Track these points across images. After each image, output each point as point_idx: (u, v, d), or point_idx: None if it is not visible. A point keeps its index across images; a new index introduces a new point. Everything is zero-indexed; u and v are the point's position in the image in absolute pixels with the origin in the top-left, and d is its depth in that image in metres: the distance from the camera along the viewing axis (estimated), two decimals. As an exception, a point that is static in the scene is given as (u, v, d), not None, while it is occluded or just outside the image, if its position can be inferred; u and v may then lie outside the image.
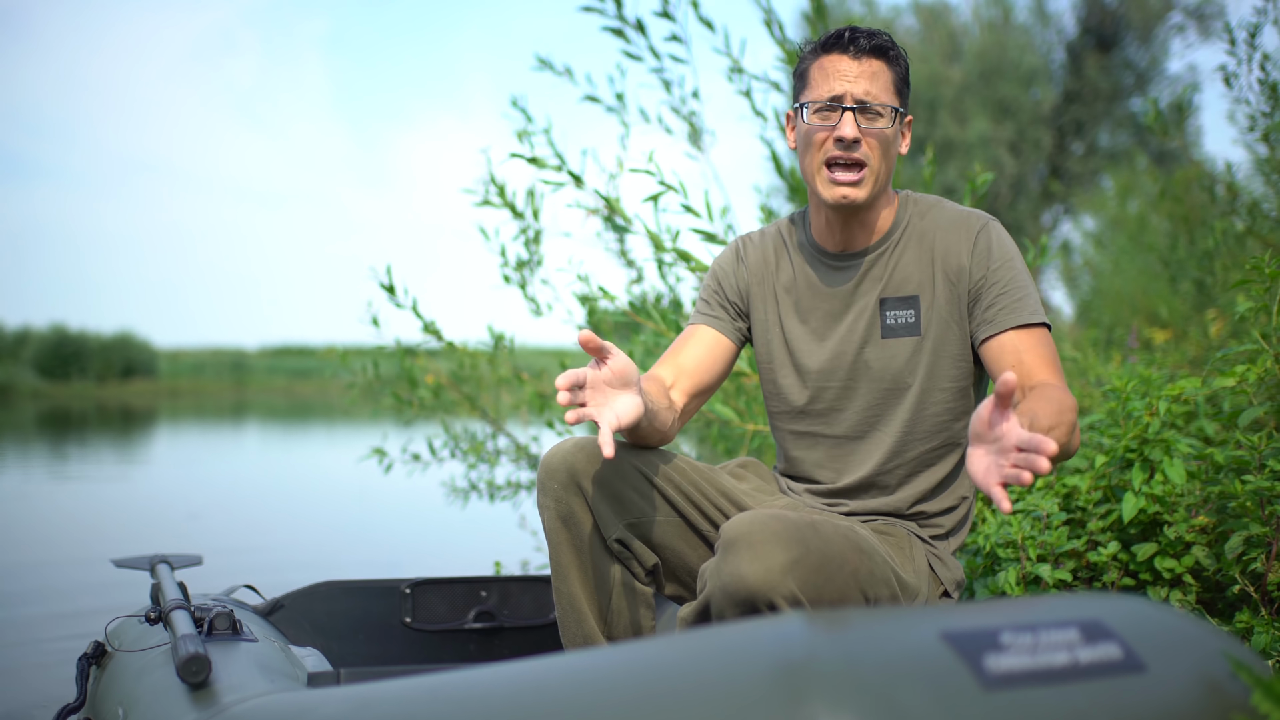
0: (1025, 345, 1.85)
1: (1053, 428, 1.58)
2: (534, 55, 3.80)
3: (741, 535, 1.52)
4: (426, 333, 4.62)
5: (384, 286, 4.51)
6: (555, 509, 1.86)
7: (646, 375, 2.00)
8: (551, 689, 1.12)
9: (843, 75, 1.89)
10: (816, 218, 2.03)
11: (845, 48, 1.90)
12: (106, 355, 33.67)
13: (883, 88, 1.90)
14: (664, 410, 1.92)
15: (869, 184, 1.91)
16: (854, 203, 1.91)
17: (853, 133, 1.87)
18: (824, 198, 1.92)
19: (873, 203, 1.95)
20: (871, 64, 1.90)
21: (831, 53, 1.91)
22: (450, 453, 5.11)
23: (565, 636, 1.93)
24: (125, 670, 1.95)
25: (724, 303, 2.11)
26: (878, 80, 1.90)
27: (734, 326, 2.11)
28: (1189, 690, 1.10)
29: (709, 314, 2.12)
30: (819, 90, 1.91)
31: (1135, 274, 8.75)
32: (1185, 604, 2.26)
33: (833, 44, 1.92)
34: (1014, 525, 2.35)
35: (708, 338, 2.09)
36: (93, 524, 6.78)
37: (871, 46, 1.90)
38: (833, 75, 1.90)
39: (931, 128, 16.64)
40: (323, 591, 2.62)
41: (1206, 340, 5.26)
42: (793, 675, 0.98)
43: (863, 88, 1.89)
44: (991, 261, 1.91)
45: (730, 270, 2.12)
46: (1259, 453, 2.21)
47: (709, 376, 2.08)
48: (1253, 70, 3.85)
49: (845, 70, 1.89)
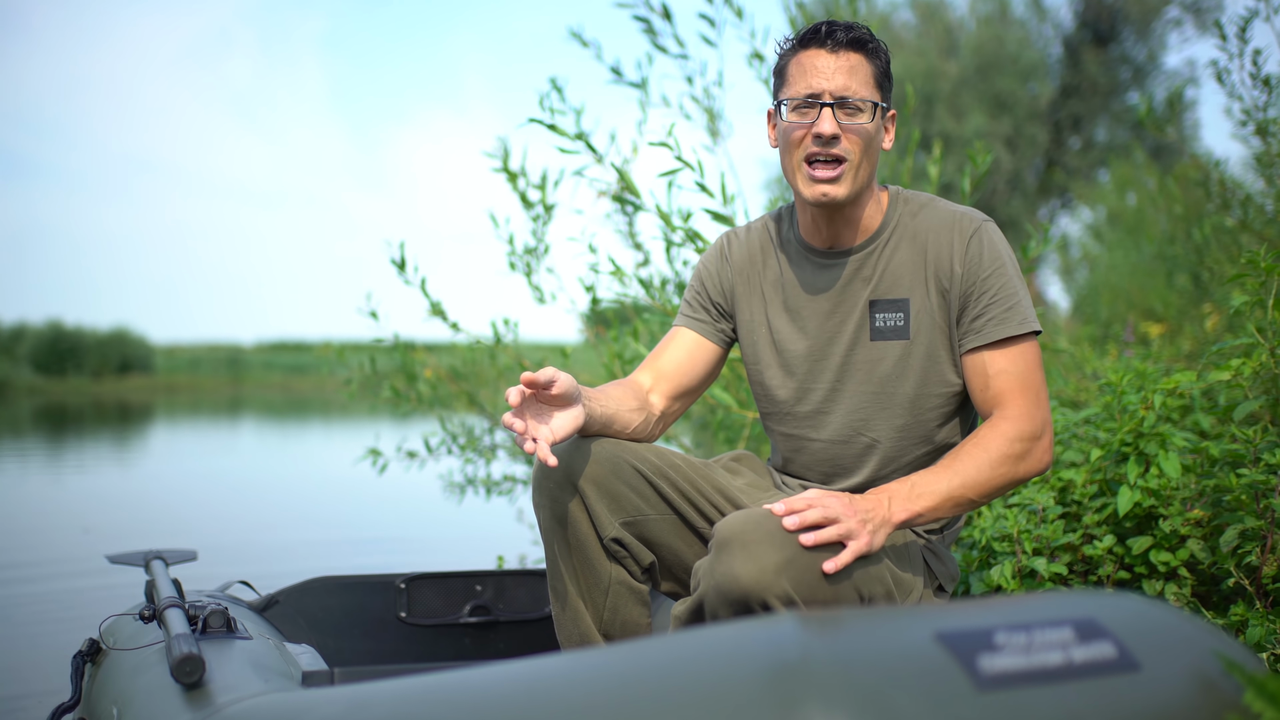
0: (997, 366, 1.84)
1: (925, 494, 1.72)
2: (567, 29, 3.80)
3: (735, 535, 1.52)
4: (434, 314, 4.61)
5: (394, 262, 4.50)
6: (551, 508, 1.86)
7: (622, 380, 2.02)
8: (546, 690, 1.12)
9: (820, 71, 1.86)
10: (803, 215, 2.00)
11: (822, 42, 1.87)
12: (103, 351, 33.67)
13: (862, 82, 1.86)
14: (628, 414, 1.94)
15: (849, 180, 1.87)
16: (834, 200, 1.87)
17: (831, 129, 1.84)
18: (804, 195, 1.90)
19: (856, 199, 1.92)
20: (850, 58, 1.86)
21: (809, 48, 1.88)
22: (446, 449, 5.11)
23: (561, 635, 1.93)
24: (120, 669, 1.95)
25: (707, 305, 2.10)
26: (856, 74, 1.86)
27: (716, 329, 2.09)
28: (1184, 689, 1.10)
29: (691, 316, 2.11)
30: (797, 86, 1.88)
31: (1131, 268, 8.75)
32: (1180, 597, 2.26)
33: (810, 39, 1.88)
34: (1009, 519, 2.35)
35: (689, 341, 2.09)
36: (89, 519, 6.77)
37: (849, 40, 1.86)
38: (810, 71, 1.86)
39: (928, 122, 16.62)
40: (317, 587, 2.61)
41: (1202, 334, 5.26)
42: (786, 677, 0.98)
43: (841, 82, 1.85)
44: (983, 268, 1.87)
45: (714, 270, 2.11)
46: (1254, 446, 2.21)
47: (689, 379, 2.07)
48: (1245, 65, 3.84)
49: (822, 65, 1.86)
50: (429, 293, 4.57)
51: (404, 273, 4.51)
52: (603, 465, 1.85)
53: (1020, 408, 1.81)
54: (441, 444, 5.09)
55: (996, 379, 1.84)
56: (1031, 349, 1.86)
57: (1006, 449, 1.77)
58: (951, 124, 16.74)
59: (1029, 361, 1.85)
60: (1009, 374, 1.84)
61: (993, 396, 1.84)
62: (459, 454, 5.13)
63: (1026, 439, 1.79)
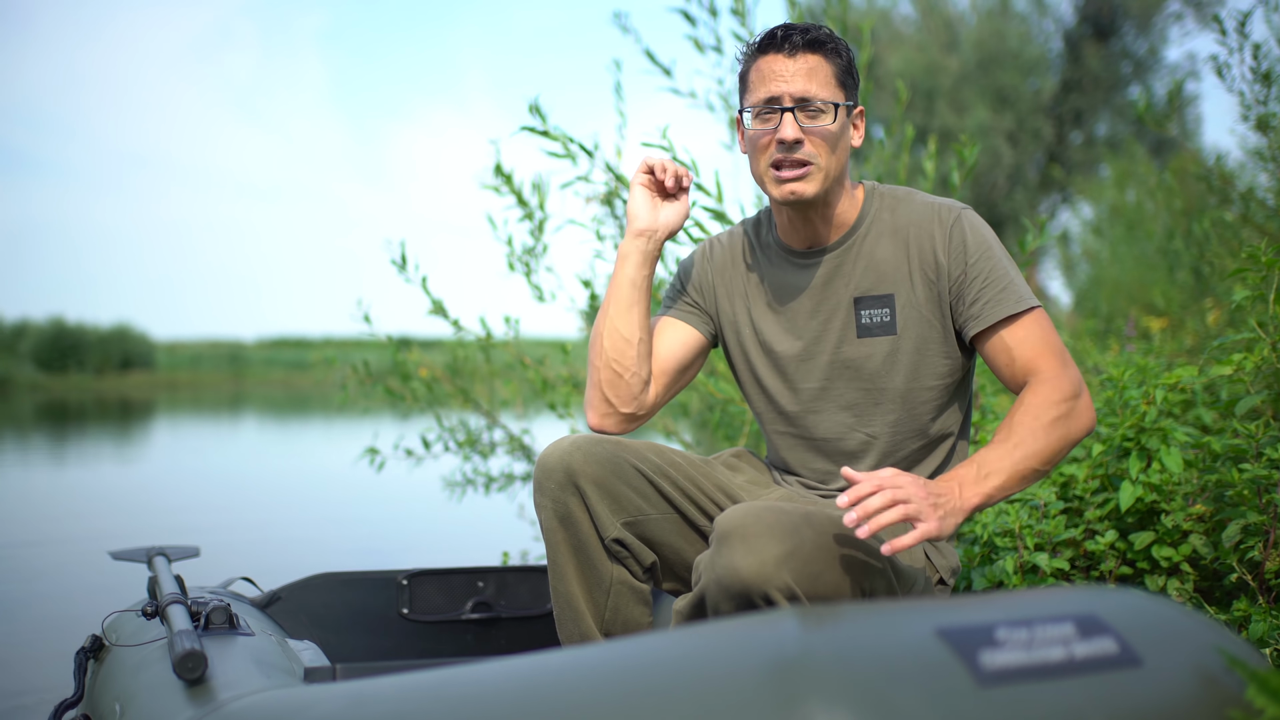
0: (1016, 338, 1.84)
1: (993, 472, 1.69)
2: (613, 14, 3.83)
3: (735, 528, 1.52)
4: (435, 313, 4.61)
5: (394, 261, 4.51)
6: (552, 508, 1.86)
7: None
8: (547, 686, 1.12)
9: (778, 75, 1.85)
10: (779, 217, 2.01)
11: (780, 47, 1.86)
12: (104, 347, 33.67)
13: (822, 83, 1.86)
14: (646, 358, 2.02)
15: (817, 180, 1.87)
16: (802, 197, 1.87)
17: (793, 134, 1.84)
18: (774, 196, 1.90)
19: (827, 197, 1.92)
20: (808, 60, 1.86)
21: (767, 53, 1.88)
22: (444, 446, 5.12)
23: (562, 634, 1.93)
24: (122, 665, 1.95)
25: (689, 300, 2.10)
26: (816, 76, 1.85)
27: (701, 319, 2.10)
28: (1185, 684, 1.10)
29: (676, 308, 2.11)
30: (757, 93, 1.88)
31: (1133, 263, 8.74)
32: (1183, 592, 2.26)
33: (767, 44, 1.88)
34: (1011, 514, 2.35)
35: (677, 329, 2.09)
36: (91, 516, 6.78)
37: (806, 42, 1.86)
38: (769, 77, 1.86)
39: (929, 117, 16.60)
40: (319, 583, 2.61)
41: (1204, 329, 5.26)
42: (787, 673, 0.98)
43: (800, 86, 1.84)
44: (969, 255, 1.88)
45: (696, 273, 2.11)
46: (1256, 441, 2.21)
47: (675, 365, 2.07)
48: (1244, 60, 3.84)
49: (780, 70, 1.85)
50: (430, 291, 4.57)
51: (404, 271, 4.52)
52: (604, 465, 1.85)
53: (1052, 369, 1.81)
54: (438, 440, 5.09)
55: (1018, 350, 1.84)
56: (1041, 319, 1.86)
57: (1055, 411, 1.76)
58: (953, 119, 16.71)
59: (1044, 329, 1.85)
60: (1028, 343, 1.84)
61: (1020, 369, 1.83)
62: (457, 451, 5.13)
63: (1069, 398, 1.78)
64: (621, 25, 3.84)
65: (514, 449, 5.17)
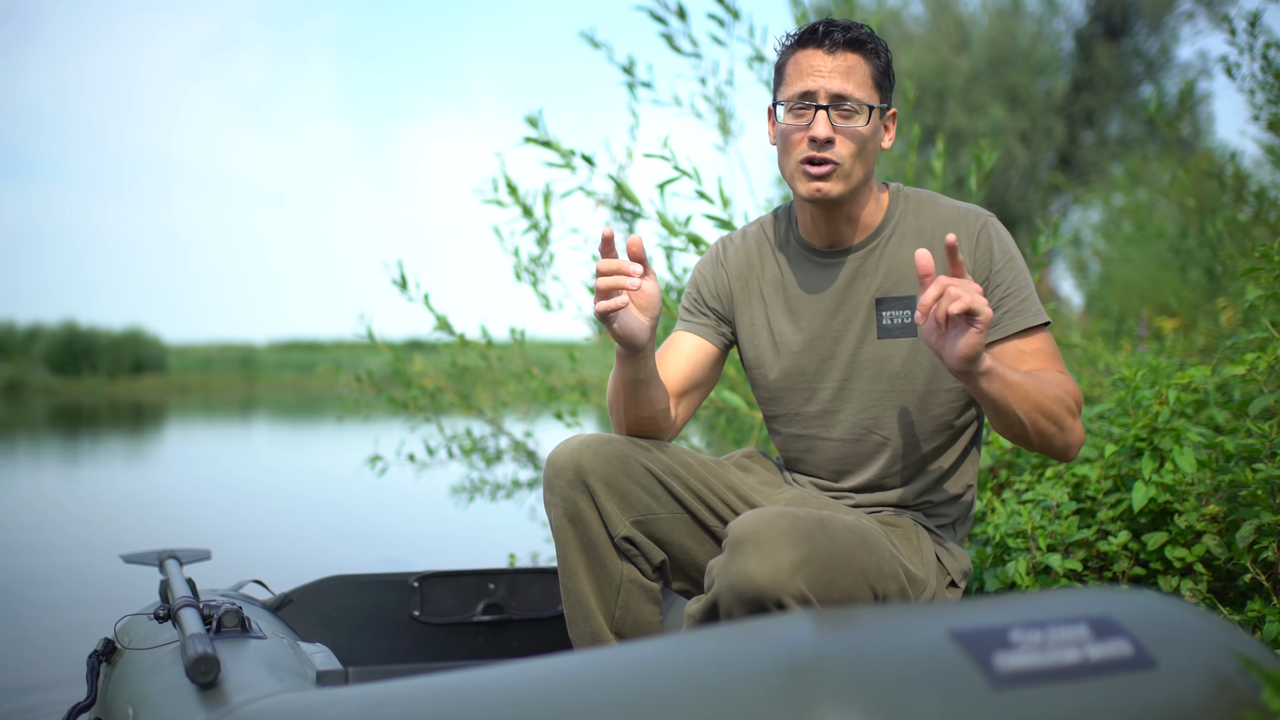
0: (1031, 348, 1.88)
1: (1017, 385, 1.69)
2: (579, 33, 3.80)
3: (749, 534, 1.51)
4: (439, 329, 4.63)
5: (395, 282, 4.52)
6: (562, 507, 1.86)
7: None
8: (561, 689, 1.12)
9: (816, 71, 1.84)
10: (802, 214, 2.00)
11: (820, 42, 1.85)
12: (117, 351, 33.76)
13: (859, 83, 1.85)
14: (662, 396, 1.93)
15: (841, 180, 1.87)
16: (828, 195, 1.87)
17: (825, 132, 1.83)
18: (800, 193, 1.89)
19: (853, 197, 1.91)
20: (847, 58, 1.85)
21: (806, 48, 1.87)
22: (448, 453, 5.14)
23: (573, 634, 1.93)
24: (135, 668, 1.95)
25: (705, 310, 2.09)
26: (853, 75, 1.85)
27: (717, 331, 2.09)
28: (1200, 686, 1.10)
29: (690, 320, 2.10)
30: (793, 87, 1.87)
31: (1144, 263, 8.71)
32: (1196, 593, 2.25)
33: (807, 38, 1.87)
34: (1024, 515, 2.34)
35: (689, 344, 2.08)
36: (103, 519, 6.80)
37: (846, 40, 1.85)
38: (807, 71, 1.85)
39: (940, 117, 16.56)
40: (331, 586, 2.62)
41: (1216, 329, 5.24)
42: (800, 676, 0.97)
43: (837, 84, 1.84)
44: (994, 263, 1.89)
45: (710, 275, 2.10)
46: (1270, 441, 2.20)
47: (693, 382, 2.06)
48: (1255, 59, 3.82)
49: (819, 66, 1.84)
50: (433, 306, 4.59)
51: (405, 291, 4.54)
52: (613, 464, 1.85)
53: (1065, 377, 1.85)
54: (441, 447, 5.11)
55: (1032, 358, 1.87)
56: (1049, 338, 1.90)
57: (1066, 399, 1.79)
58: (964, 119, 16.68)
59: (1053, 345, 1.90)
60: (1042, 353, 1.88)
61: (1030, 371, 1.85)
62: (462, 458, 5.15)
63: (1077, 405, 1.82)
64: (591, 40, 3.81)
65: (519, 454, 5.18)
